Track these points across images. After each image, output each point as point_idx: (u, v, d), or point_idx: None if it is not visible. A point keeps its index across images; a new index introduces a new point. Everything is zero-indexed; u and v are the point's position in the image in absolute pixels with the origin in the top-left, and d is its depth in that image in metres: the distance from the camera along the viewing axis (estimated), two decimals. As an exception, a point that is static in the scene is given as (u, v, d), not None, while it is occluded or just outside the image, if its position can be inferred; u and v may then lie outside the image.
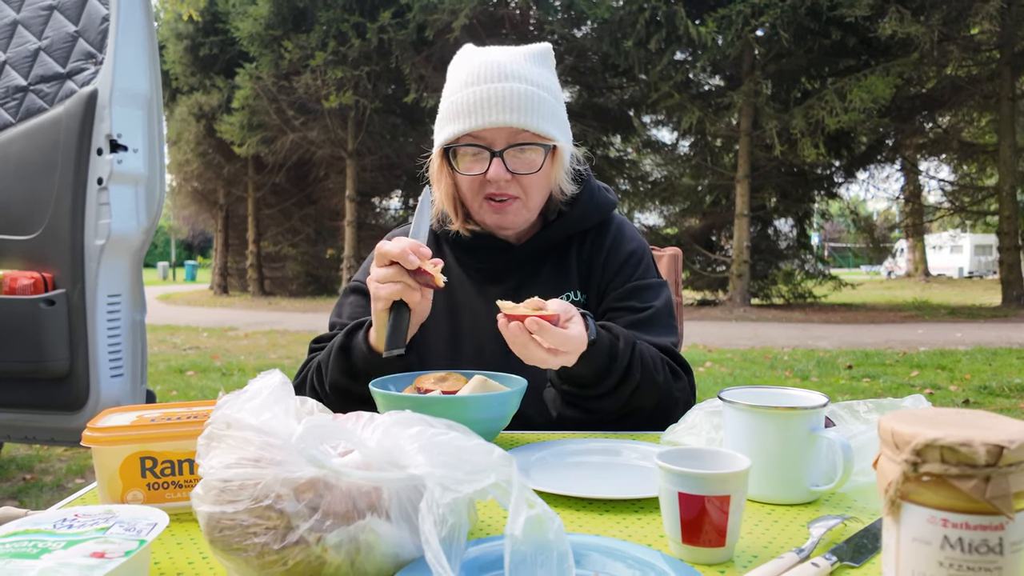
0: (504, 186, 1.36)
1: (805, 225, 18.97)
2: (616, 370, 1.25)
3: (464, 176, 1.38)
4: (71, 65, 2.90)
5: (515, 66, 1.36)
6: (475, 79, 1.34)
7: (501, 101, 1.32)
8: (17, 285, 2.77)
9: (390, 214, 23.44)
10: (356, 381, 1.28)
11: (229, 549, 0.66)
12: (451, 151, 1.38)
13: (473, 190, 1.39)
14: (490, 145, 1.34)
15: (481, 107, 1.32)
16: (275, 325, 13.00)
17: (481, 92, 1.32)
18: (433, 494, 0.64)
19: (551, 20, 16.66)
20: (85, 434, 0.88)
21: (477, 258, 1.50)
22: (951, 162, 19.73)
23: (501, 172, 1.34)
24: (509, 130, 1.33)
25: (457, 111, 1.34)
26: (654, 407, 1.31)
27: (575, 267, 1.49)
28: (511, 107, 1.32)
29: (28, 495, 3.77)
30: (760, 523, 0.87)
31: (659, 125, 18.28)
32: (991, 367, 7.46)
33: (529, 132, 1.34)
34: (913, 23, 12.69)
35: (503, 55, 1.38)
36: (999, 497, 0.53)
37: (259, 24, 16.90)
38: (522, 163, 1.36)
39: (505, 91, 1.32)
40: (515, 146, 1.34)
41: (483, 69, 1.34)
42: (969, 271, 33.51)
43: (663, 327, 1.42)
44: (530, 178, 1.37)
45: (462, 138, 1.35)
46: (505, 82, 1.33)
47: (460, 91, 1.35)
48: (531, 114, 1.33)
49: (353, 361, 1.31)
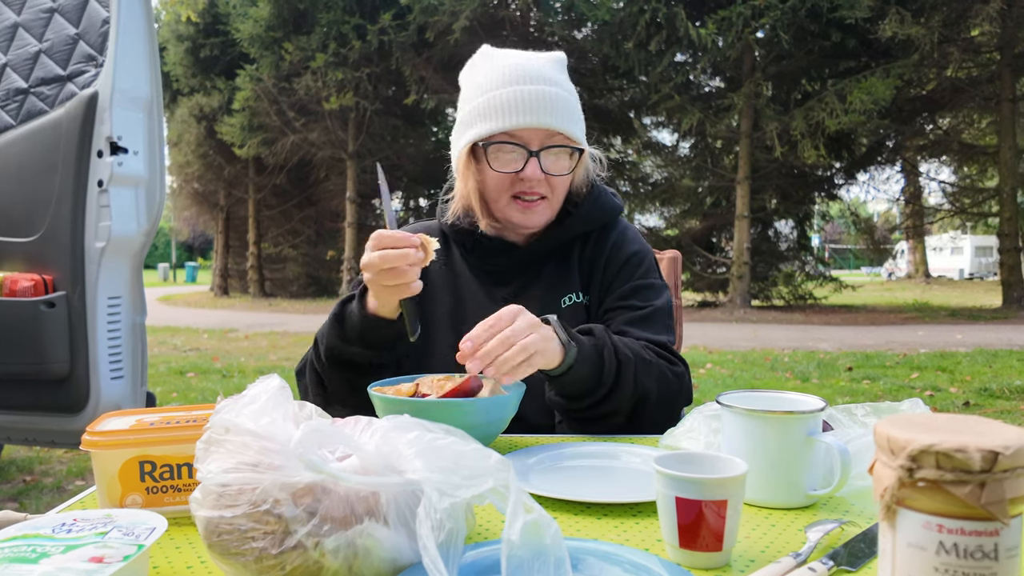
0: (536, 185, 1.39)
1: (805, 227, 18.98)
2: (608, 358, 1.25)
3: (495, 173, 1.40)
4: (71, 67, 2.90)
5: (547, 71, 1.41)
6: (511, 79, 1.38)
7: (540, 103, 1.36)
8: (17, 287, 2.77)
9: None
10: (350, 344, 1.33)
11: (227, 553, 0.66)
12: (485, 147, 1.40)
13: (502, 187, 1.41)
14: (526, 144, 1.38)
15: (520, 107, 1.36)
16: (276, 327, 13.01)
17: (519, 93, 1.37)
18: (431, 499, 0.65)
19: (551, 22, 16.67)
20: (84, 438, 0.89)
21: (483, 259, 1.51)
22: (951, 164, 19.74)
23: (537, 172, 1.38)
24: (545, 131, 1.38)
25: (493, 109, 1.38)
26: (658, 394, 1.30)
27: (576, 268, 1.50)
28: (549, 109, 1.37)
29: (28, 497, 3.77)
30: (757, 527, 0.87)
31: (659, 127, 18.29)
32: (991, 369, 7.46)
33: (562, 135, 1.39)
34: (913, 25, 12.69)
35: (532, 59, 1.43)
36: (994, 503, 0.53)
37: (260, 26, 16.92)
38: (554, 164, 1.40)
39: (543, 94, 1.37)
40: (550, 147, 1.38)
41: (518, 71, 1.39)
42: (970, 273, 33.50)
43: (661, 325, 1.43)
44: (558, 179, 1.42)
45: (498, 136, 1.38)
46: (542, 85, 1.38)
47: (495, 90, 1.39)
48: (565, 118, 1.39)
49: (346, 327, 1.34)
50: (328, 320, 1.37)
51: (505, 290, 1.49)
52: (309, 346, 1.48)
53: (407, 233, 1.20)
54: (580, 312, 1.48)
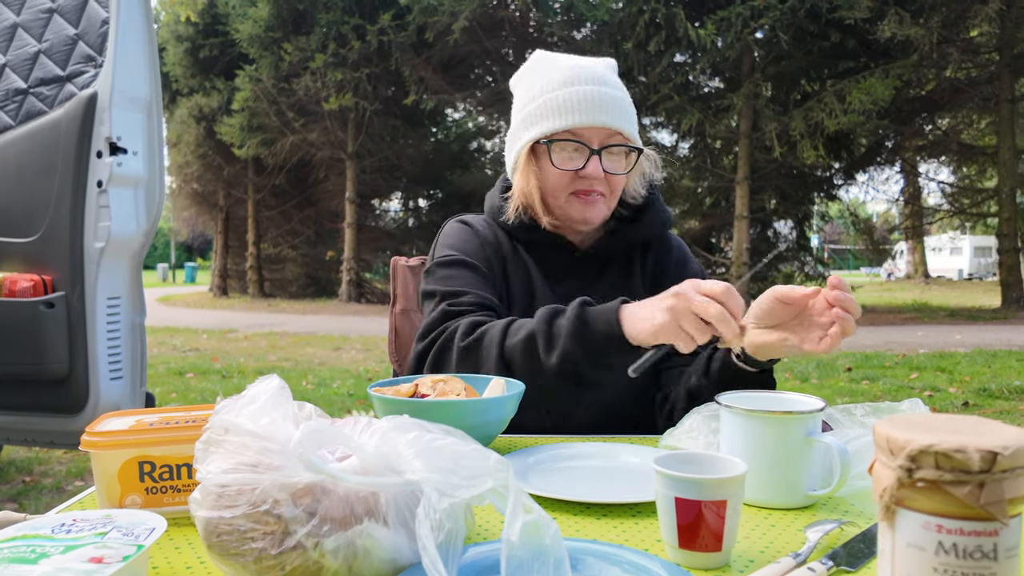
0: (595, 183, 1.43)
1: (805, 227, 18.97)
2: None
3: (557, 170, 1.44)
4: (71, 68, 2.90)
5: (606, 75, 1.47)
6: (572, 80, 1.43)
7: (601, 103, 1.41)
8: (17, 288, 2.77)
9: (390, 216, 23.46)
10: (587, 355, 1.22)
11: (227, 554, 0.66)
12: (548, 144, 1.44)
13: (563, 184, 1.45)
14: (588, 143, 1.42)
15: (582, 106, 1.41)
16: (275, 327, 13.00)
17: (581, 92, 1.42)
18: (430, 499, 0.65)
19: (551, 22, 16.66)
20: (84, 438, 0.89)
21: (543, 256, 1.54)
22: (951, 164, 19.73)
23: (598, 169, 1.42)
24: (606, 131, 1.43)
25: (555, 108, 1.42)
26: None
27: (639, 277, 1.55)
28: (608, 109, 1.42)
29: (27, 497, 3.77)
30: (757, 527, 0.87)
31: (659, 127, 18.27)
32: (991, 369, 7.47)
33: (621, 135, 1.44)
34: (912, 25, 12.69)
35: (589, 62, 1.48)
36: (993, 503, 0.53)
37: (259, 26, 16.91)
38: (614, 163, 1.45)
39: (605, 95, 1.43)
40: (611, 146, 1.43)
41: (579, 72, 1.44)
42: (969, 273, 33.50)
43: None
44: (617, 178, 1.46)
45: (560, 134, 1.42)
46: (603, 87, 1.44)
47: (556, 90, 1.43)
48: (624, 118, 1.44)
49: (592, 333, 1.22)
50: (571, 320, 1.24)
51: (563, 288, 1.51)
52: (308, 346, 1.47)
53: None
54: None
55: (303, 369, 7.97)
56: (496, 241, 1.56)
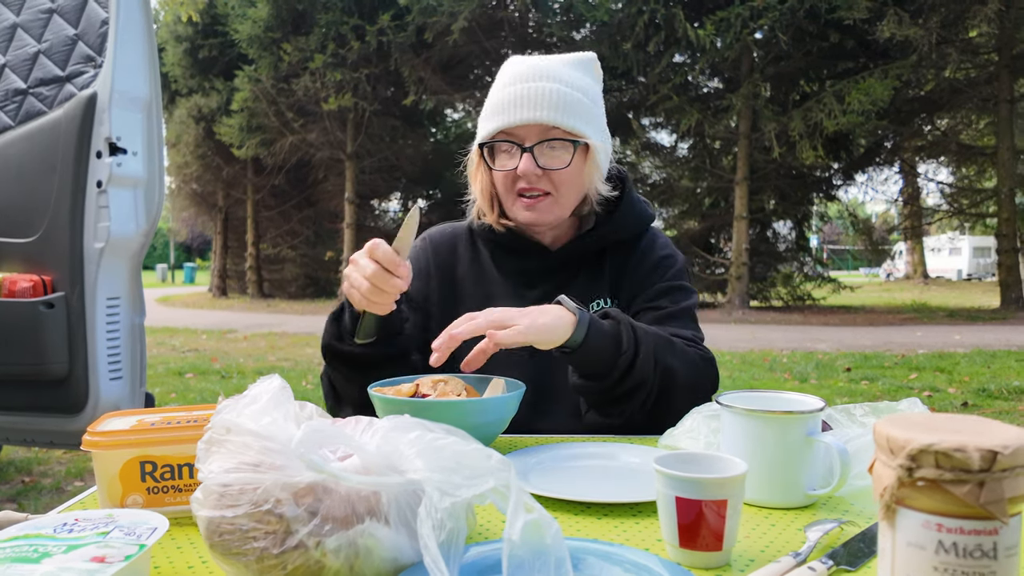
0: (535, 181, 1.40)
1: (804, 227, 18.98)
2: (624, 331, 1.24)
3: (498, 172, 1.43)
4: (70, 68, 2.90)
5: (553, 69, 1.42)
6: (512, 80, 1.41)
7: (533, 99, 1.38)
8: (16, 288, 2.77)
9: (389, 216, 23.45)
10: (342, 342, 1.35)
11: (229, 553, 0.66)
12: (487, 148, 1.43)
13: (507, 186, 1.43)
14: (521, 141, 1.39)
15: (515, 104, 1.38)
16: (274, 327, 13.00)
17: (517, 91, 1.39)
18: (432, 499, 0.65)
19: (550, 23, 16.67)
20: (85, 438, 0.89)
21: (513, 260, 1.53)
22: (950, 164, 19.74)
23: (531, 167, 1.38)
24: (540, 127, 1.38)
25: (494, 109, 1.41)
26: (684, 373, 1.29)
27: (608, 275, 1.52)
28: (542, 104, 1.37)
29: (27, 498, 3.77)
30: (757, 527, 0.87)
31: (658, 127, 18.29)
32: (990, 369, 7.47)
33: (560, 129, 1.38)
34: (911, 26, 12.70)
35: (545, 59, 1.45)
36: (993, 502, 0.53)
37: (258, 26, 16.91)
38: (552, 159, 1.40)
39: (538, 89, 1.38)
40: (545, 142, 1.39)
41: (523, 70, 1.42)
42: (968, 273, 33.51)
43: (688, 321, 1.45)
44: (560, 174, 1.40)
45: (497, 135, 1.40)
46: (539, 81, 1.39)
47: (499, 91, 1.42)
48: (561, 111, 1.38)
49: (342, 325, 1.36)
50: (328, 319, 1.39)
51: (534, 292, 1.49)
52: (307, 347, 1.48)
53: (397, 258, 1.20)
54: None
55: (303, 369, 7.97)
56: (452, 250, 1.56)
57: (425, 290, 1.53)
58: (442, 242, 1.58)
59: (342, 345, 1.35)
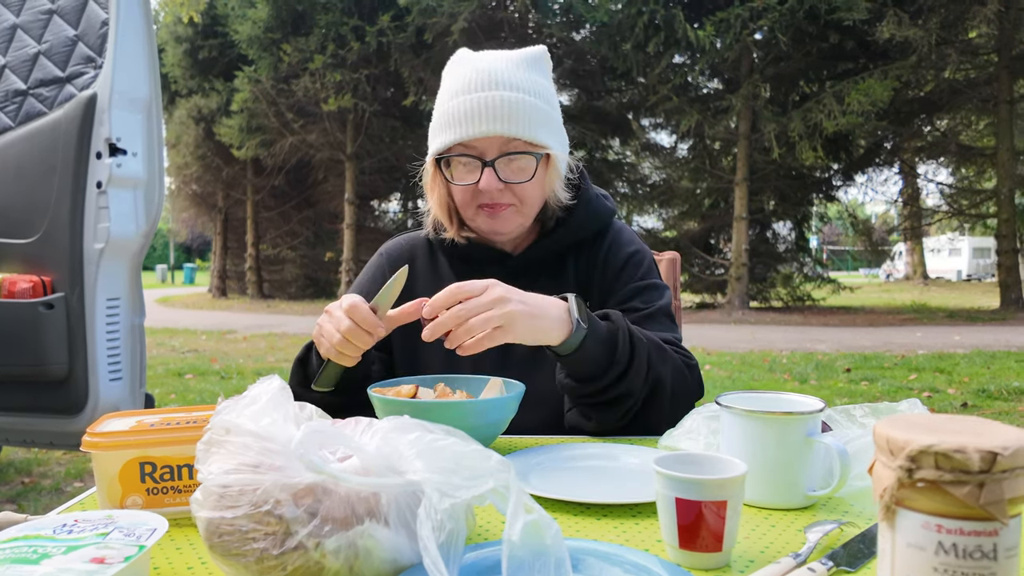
0: (497, 196, 1.35)
1: (804, 228, 18.98)
2: (622, 338, 1.21)
3: (457, 186, 1.37)
4: (70, 69, 2.90)
5: (506, 74, 1.34)
6: (465, 88, 1.33)
7: (491, 110, 1.30)
8: (16, 289, 2.77)
9: (389, 217, 23.45)
10: (309, 391, 1.30)
11: (228, 554, 0.66)
12: (443, 160, 1.37)
13: (466, 200, 1.38)
14: (481, 155, 1.33)
15: (471, 116, 1.31)
16: (274, 328, 13.00)
17: (471, 101, 1.31)
18: (431, 500, 0.65)
19: (550, 23, 16.67)
20: (85, 439, 0.89)
21: (473, 268, 1.47)
22: (949, 165, 19.75)
23: (493, 182, 1.33)
24: (500, 139, 1.32)
25: (448, 121, 1.34)
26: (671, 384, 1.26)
27: (573, 278, 1.47)
28: (501, 116, 1.30)
29: (26, 499, 3.77)
30: (757, 528, 0.87)
31: (658, 128, 18.30)
32: (989, 370, 7.47)
33: (521, 140, 1.33)
34: (911, 27, 12.71)
35: (496, 62, 1.36)
36: (993, 503, 0.53)
37: (258, 27, 16.91)
38: (514, 171, 1.35)
39: (495, 100, 1.31)
40: (507, 155, 1.33)
41: (474, 77, 1.33)
42: (967, 274, 33.52)
43: (665, 325, 1.40)
44: (523, 186, 1.36)
45: (454, 148, 1.35)
46: (495, 91, 1.31)
47: (451, 100, 1.34)
48: (522, 123, 1.32)
49: (307, 372, 1.34)
50: (294, 363, 1.36)
51: None
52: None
53: (376, 320, 1.17)
54: None
55: (302, 370, 7.95)
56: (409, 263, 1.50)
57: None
58: (399, 257, 1.55)
59: (308, 393, 1.30)
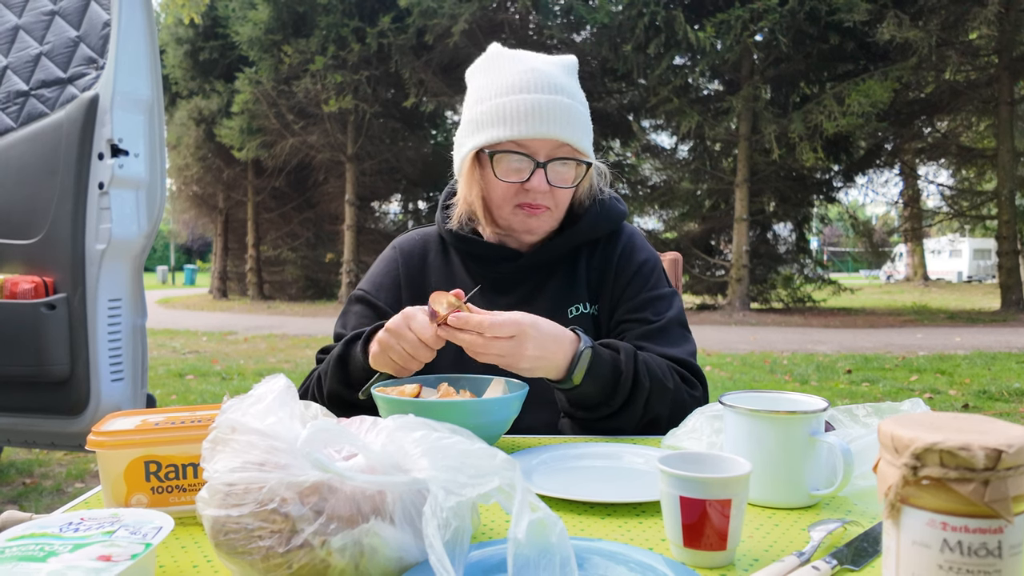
0: (540, 197, 1.37)
1: (804, 229, 18.98)
2: (623, 383, 1.24)
3: (501, 182, 1.38)
4: (72, 70, 2.90)
5: (561, 79, 1.38)
6: (524, 87, 1.35)
7: (551, 114, 1.34)
8: (18, 289, 2.77)
9: (389, 218, 23.46)
10: (352, 390, 1.31)
11: (234, 552, 0.66)
12: (491, 155, 1.37)
13: (507, 196, 1.39)
14: (534, 155, 1.35)
15: (531, 116, 1.33)
16: (274, 329, 12.99)
17: (531, 101, 1.34)
18: (437, 498, 0.65)
19: (550, 25, 16.67)
20: (90, 438, 0.89)
21: (484, 267, 1.49)
22: (950, 166, 19.75)
23: (543, 183, 1.35)
24: (554, 143, 1.35)
25: (502, 116, 1.35)
26: (669, 417, 1.28)
27: (584, 278, 1.48)
28: (560, 121, 1.34)
29: (28, 499, 3.77)
30: (761, 527, 0.87)
31: (658, 129, 18.29)
32: (990, 371, 7.47)
33: (570, 147, 1.36)
34: (911, 28, 12.72)
35: (548, 66, 1.39)
36: (998, 500, 0.53)
37: (259, 29, 16.93)
38: (560, 176, 1.38)
39: (554, 104, 1.34)
40: (558, 159, 1.36)
41: (532, 77, 1.36)
42: (968, 275, 33.50)
43: (677, 337, 1.41)
44: (564, 192, 1.39)
45: (505, 143, 1.36)
46: (555, 95, 1.35)
47: (504, 96, 1.36)
48: (577, 130, 1.36)
49: (350, 371, 1.33)
50: (332, 361, 1.36)
51: (508, 299, 1.46)
52: (308, 348, 1.47)
53: (437, 336, 1.18)
54: (587, 323, 1.45)
55: (303, 371, 7.96)
56: (422, 259, 1.53)
57: (396, 301, 1.49)
58: (412, 251, 1.55)
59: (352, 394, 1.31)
